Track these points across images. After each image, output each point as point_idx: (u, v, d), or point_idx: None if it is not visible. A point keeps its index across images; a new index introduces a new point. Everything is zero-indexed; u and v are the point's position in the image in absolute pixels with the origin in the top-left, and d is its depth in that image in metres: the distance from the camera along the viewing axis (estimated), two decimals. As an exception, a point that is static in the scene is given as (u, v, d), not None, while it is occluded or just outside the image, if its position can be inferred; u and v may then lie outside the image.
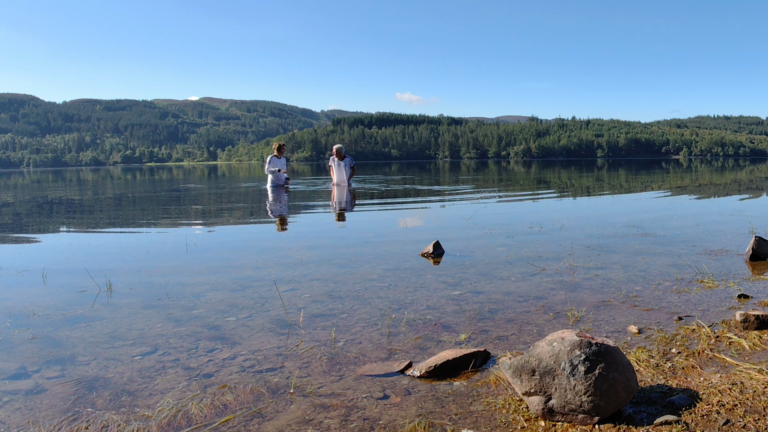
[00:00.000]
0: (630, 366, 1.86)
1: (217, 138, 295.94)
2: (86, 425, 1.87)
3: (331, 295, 3.45)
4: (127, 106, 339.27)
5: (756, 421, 1.73)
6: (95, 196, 14.60)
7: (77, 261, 4.74)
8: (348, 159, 13.49)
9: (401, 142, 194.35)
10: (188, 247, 5.29)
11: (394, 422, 1.85)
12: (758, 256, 4.27)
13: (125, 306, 3.30)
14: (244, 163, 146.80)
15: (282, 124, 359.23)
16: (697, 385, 2.00)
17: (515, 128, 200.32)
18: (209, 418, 1.90)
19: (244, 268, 4.34)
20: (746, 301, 3.18)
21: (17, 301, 3.46)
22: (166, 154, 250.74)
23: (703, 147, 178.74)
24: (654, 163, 59.09)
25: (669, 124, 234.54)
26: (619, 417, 1.80)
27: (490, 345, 2.56)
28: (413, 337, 2.67)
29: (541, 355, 1.84)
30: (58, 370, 2.34)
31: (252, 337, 2.71)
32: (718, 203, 9.89)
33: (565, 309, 3.07)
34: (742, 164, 46.42)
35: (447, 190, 14.46)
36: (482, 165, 62.59)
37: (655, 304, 3.14)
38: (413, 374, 2.23)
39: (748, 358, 2.29)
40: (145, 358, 2.46)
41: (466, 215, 7.85)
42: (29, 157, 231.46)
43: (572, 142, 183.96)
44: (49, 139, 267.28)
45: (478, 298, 3.33)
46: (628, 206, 9.50)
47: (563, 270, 4.06)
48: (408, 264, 4.37)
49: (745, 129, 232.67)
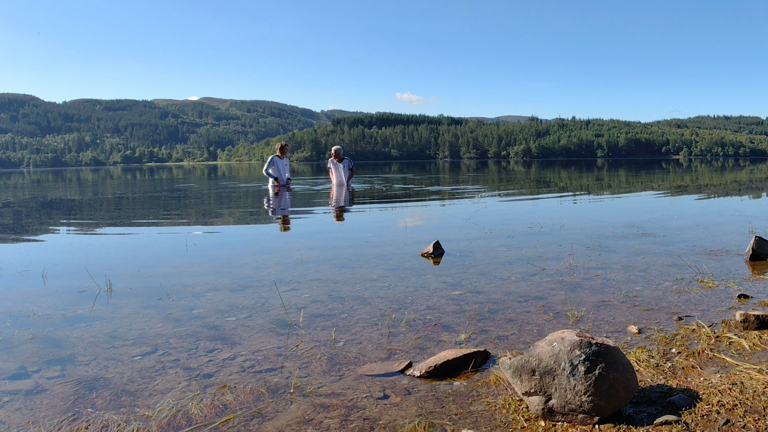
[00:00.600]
0: (630, 366, 1.86)
1: (217, 138, 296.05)
2: (86, 425, 1.87)
3: (331, 295, 3.45)
4: (127, 106, 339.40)
5: (756, 421, 1.73)
6: (95, 196, 14.60)
7: (77, 261, 4.74)
8: (347, 160, 13.46)
9: (401, 142, 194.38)
10: (188, 247, 5.29)
11: (394, 422, 1.85)
12: (758, 256, 4.27)
13: (125, 306, 3.30)
14: (244, 163, 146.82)
15: (282, 124, 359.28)
16: (697, 385, 2.00)
17: (515, 128, 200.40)
18: (209, 418, 1.90)
19: (244, 268, 4.34)
20: (746, 301, 3.18)
21: (17, 301, 3.46)
22: (166, 154, 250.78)
23: (703, 147, 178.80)
24: (654, 163, 59.09)
25: (669, 124, 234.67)
26: (619, 417, 1.80)
27: (490, 345, 2.56)
28: (413, 337, 2.67)
29: (541, 355, 1.84)
30: (58, 370, 2.34)
31: (252, 337, 2.71)
32: (718, 203, 9.89)
33: (565, 309, 3.07)
34: (742, 164, 46.42)
35: (447, 190, 14.46)
36: (482, 165, 62.59)
37: (655, 304, 3.14)
38: (413, 374, 2.23)
39: (748, 358, 2.29)
40: (145, 358, 2.46)
41: (466, 215, 7.85)
42: (29, 157, 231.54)
43: (572, 142, 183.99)
44: (49, 139, 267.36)
45: (478, 298, 3.33)
46: (628, 206, 9.50)
47: (563, 270, 4.06)
48: (408, 264, 4.37)
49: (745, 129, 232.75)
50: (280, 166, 12.88)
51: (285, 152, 12.88)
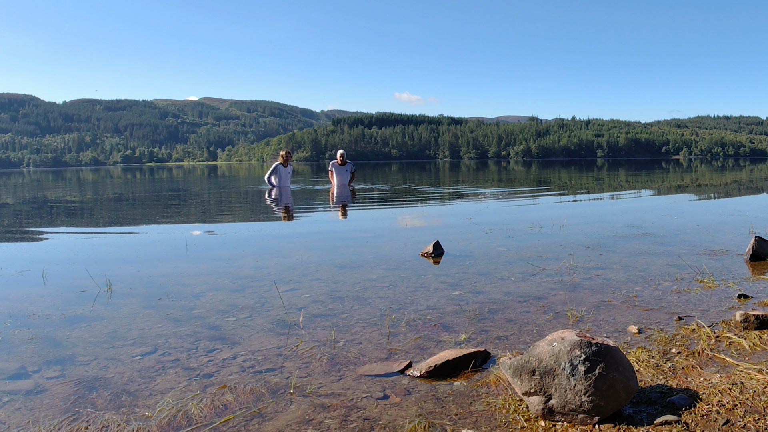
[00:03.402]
0: (630, 366, 1.86)
1: (217, 138, 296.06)
2: (86, 425, 1.87)
3: (331, 295, 3.45)
4: (127, 106, 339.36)
5: (756, 421, 1.73)
6: (95, 196, 14.60)
7: (77, 261, 4.74)
8: (350, 164, 13.53)
9: (401, 142, 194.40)
10: (188, 247, 5.29)
11: (394, 422, 1.85)
12: (758, 256, 4.27)
13: (125, 306, 3.30)
14: (244, 163, 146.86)
15: (282, 124, 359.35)
16: (697, 385, 2.00)
17: (515, 128, 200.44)
18: (209, 418, 1.90)
19: (244, 268, 4.34)
20: (746, 301, 3.18)
21: (17, 301, 3.46)
22: (166, 154, 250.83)
23: (703, 147, 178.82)
24: (654, 163, 59.08)
25: (669, 124, 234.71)
26: (619, 417, 1.80)
27: (490, 345, 2.56)
28: (413, 337, 2.67)
29: (541, 355, 1.84)
30: (58, 370, 2.34)
31: (252, 337, 2.71)
32: (718, 203, 9.89)
33: (565, 309, 3.07)
34: (742, 164, 46.42)
35: (447, 190, 14.46)
36: (482, 165, 62.60)
37: (655, 304, 3.14)
38: (413, 374, 2.23)
39: (748, 358, 2.29)
40: (145, 358, 2.46)
41: (467, 215, 7.85)
42: (29, 157, 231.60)
43: (572, 142, 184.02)
44: (49, 139, 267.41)
45: (478, 298, 3.33)
46: (628, 206, 9.50)
47: (563, 270, 4.06)
48: (408, 264, 4.37)
49: (745, 129, 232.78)
50: (283, 174, 12.86)
51: (289, 160, 12.89)
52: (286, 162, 12.84)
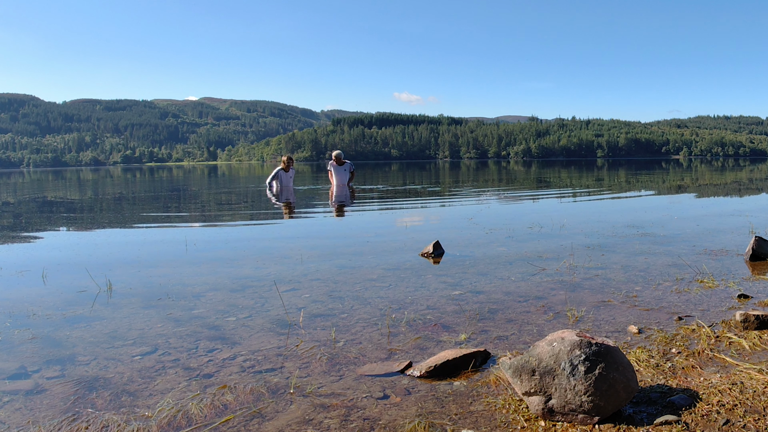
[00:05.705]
0: (630, 366, 1.86)
1: (217, 138, 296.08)
2: (86, 425, 1.87)
3: (331, 295, 3.45)
4: (127, 106, 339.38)
5: (756, 421, 1.73)
6: (95, 196, 14.60)
7: (77, 261, 4.74)
8: (348, 164, 13.52)
9: (401, 142, 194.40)
10: (188, 247, 5.29)
11: (394, 422, 1.85)
12: (758, 256, 4.27)
13: (125, 306, 3.30)
14: (244, 163, 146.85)
15: (282, 124, 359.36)
16: (697, 385, 2.00)
17: (515, 128, 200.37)
18: (209, 418, 1.90)
19: (244, 268, 4.34)
20: (746, 301, 3.18)
21: (17, 301, 3.46)
22: (166, 154, 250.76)
23: (703, 147, 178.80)
24: (654, 163, 59.08)
25: (669, 124, 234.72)
26: (619, 417, 1.80)
27: (490, 345, 2.56)
28: (413, 337, 2.67)
29: (541, 355, 1.84)
30: (58, 370, 2.34)
31: (252, 337, 2.71)
32: (718, 203, 9.89)
33: (565, 309, 3.07)
34: (742, 164, 46.42)
35: (447, 191, 14.46)
36: (482, 165, 62.60)
37: (655, 304, 3.14)
38: (413, 374, 2.23)
39: (748, 358, 2.29)
40: (145, 358, 2.46)
41: (467, 215, 7.85)
42: (29, 157, 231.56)
43: (572, 142, 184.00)
44: (49, 139, 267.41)
45: (478, 298, 3.33)
46: (628, 206, 9.50)
47: (563, 270, 4.06)
48: (408, 264, 4.37)
49: (745, 129, 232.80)
50: (284, 179, 12.80)
51: (291, 164, 12.87)
52: (287, 167, 12.82)
